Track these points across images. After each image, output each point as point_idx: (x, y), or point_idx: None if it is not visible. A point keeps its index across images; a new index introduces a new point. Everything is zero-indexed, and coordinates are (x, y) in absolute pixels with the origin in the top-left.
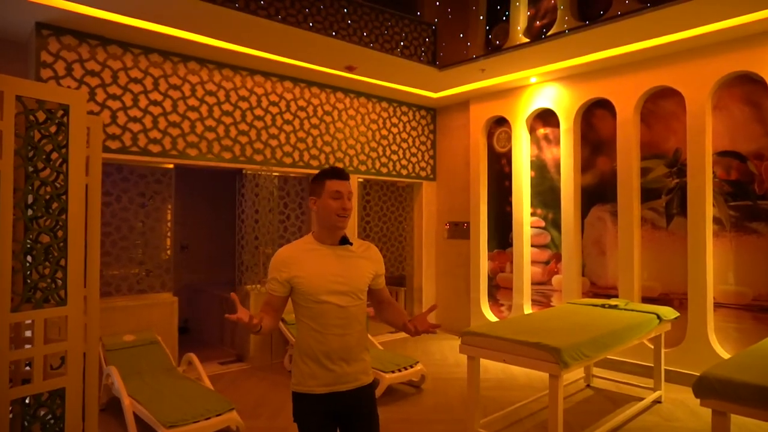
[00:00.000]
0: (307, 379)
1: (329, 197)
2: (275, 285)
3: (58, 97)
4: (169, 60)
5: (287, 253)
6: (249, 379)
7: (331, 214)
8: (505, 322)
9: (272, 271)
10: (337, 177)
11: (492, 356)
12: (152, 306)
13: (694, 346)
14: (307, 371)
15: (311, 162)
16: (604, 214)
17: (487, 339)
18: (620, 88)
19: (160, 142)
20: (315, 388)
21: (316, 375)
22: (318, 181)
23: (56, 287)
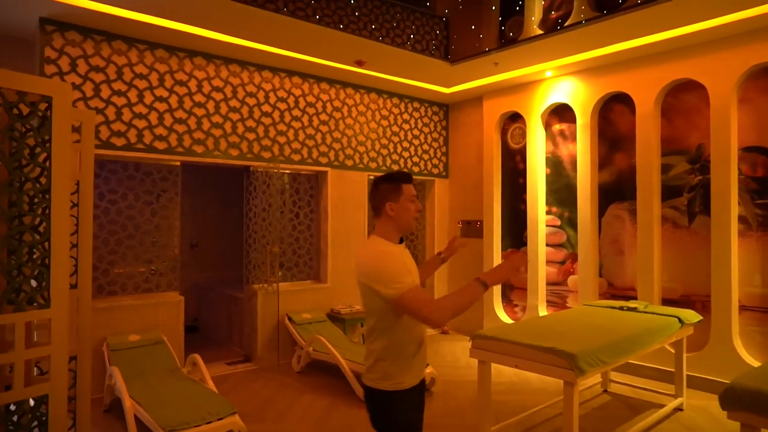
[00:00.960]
0: (405, 376)
1: (408, 201)
2: (411, 279)
3: (39, 89)
4: (174, 55)
5: (396, 254)
6: (256, 381)
7: (410, 218)
8: (518, 324)
9: (401, 273)
10: (409, 181)
11: (504, 361)
12: (158, 305)
13: (718, 351)
14: (405, 367)
15: (320, 159)
16: (622, 213)
17: (498, 343)
18: (639, 82)
19: (166, 138)
20: (412, 380)
21: (412, 368)
22: (394, 186)
23: (41, 288)
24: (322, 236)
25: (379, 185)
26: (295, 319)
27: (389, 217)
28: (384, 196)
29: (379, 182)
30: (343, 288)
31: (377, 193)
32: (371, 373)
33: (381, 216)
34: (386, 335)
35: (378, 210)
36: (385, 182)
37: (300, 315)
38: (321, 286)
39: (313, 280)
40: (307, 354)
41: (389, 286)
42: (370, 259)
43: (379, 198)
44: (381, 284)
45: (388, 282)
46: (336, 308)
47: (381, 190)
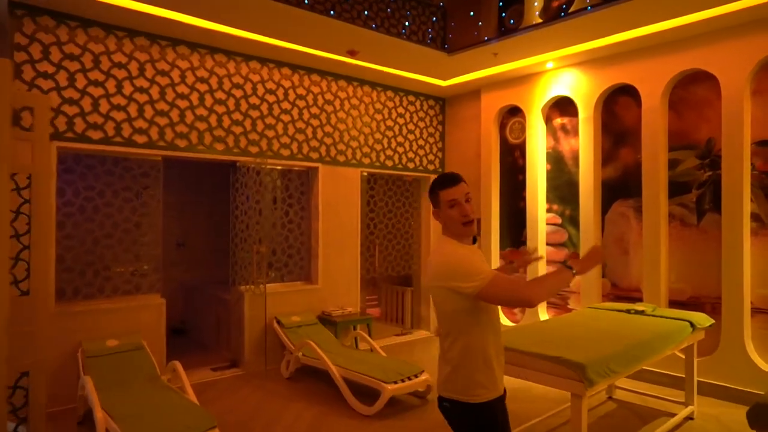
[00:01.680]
0: (490, 383)
1: (447, 207)
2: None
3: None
4: (156, 44)
5: (467, 252)
6: (242, 388)
7: (457, 223)
8: (521, 329)
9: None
10: (447, 185)
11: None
12: (139, 308)
13: (730, 356)
14: (489, 374)
15: (311, 154)
16: (627, 210)
17: None
18: (646, 73)
19: (147, 132)
20: (498, 388)
21: (495, 374)
22: (433, 193)
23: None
24: (314, 235)
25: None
26: (284, 322)
27: (443, 224)
28: (432, 202)
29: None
30: (335, 289)
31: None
32: (451, 383)
33: (439, 218)
34: (462, 339)
35: (436, 213)
36: (430, 188)
37: (289, 318)
38: (312, 288)
39: (303, 281)
40: (297, 359)
41: (470, 279)
42: (441, 257)
43: (432, 198)
44: (459, 280)
45: (467, 276)
46: (327, 311)
47: (429, 196)
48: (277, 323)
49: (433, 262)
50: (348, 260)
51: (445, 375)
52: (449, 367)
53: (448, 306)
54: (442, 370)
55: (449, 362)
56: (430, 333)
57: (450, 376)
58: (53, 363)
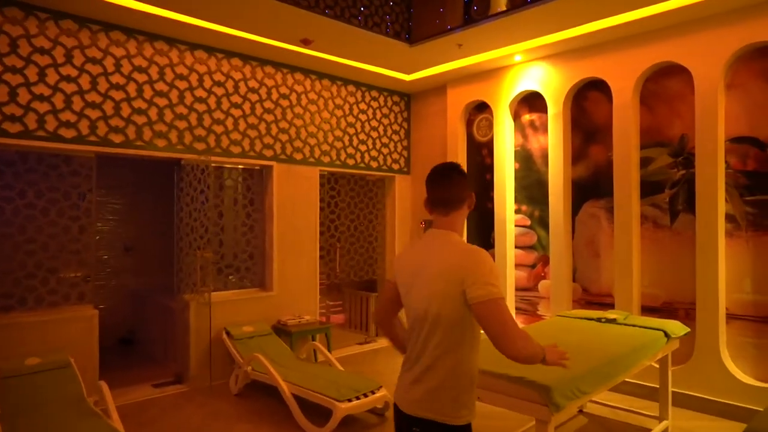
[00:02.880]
0: (473, 405)
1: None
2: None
3: None
4: (86, 28)
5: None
6: (185, 406)
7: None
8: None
9: (497, 275)
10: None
11: None
12: (67, 321)
13: (704, 365)
14: (474, 396)
15: (264, 152)
16: (598, 211)
17: None
18: (617, 66)
19: (75, 125)
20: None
21: (474, 397)
22: (467, 191)
23: None
24: (268, 238)
25: (456, 174)
26: (234, 333)
27: (464, 213)
28: (465, 186)
29: (454, 171)
30: (292, 297)
31: (456, 183)
32: (430, 402)
33: (457, 210)
34: (453, 353)
35: (455, 204)
36: (461, 172)
37: (240, 328)
38: (266, 295)
39: (258, 288)
40: (246, 374)
41: (482, 284)
42: (475, 252)
43: (460, 189)
44: (471, 281)
45: (481, 279)
46: (283, 320)
47: (460, 180)
48: (226, 334)
49: (469, 252)
50: (306, 265)
51: (422, 393)
52: (431, 384)
53: (445, 309)
54: (415, 387)
55: (432, 379)
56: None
57: (431, 395)
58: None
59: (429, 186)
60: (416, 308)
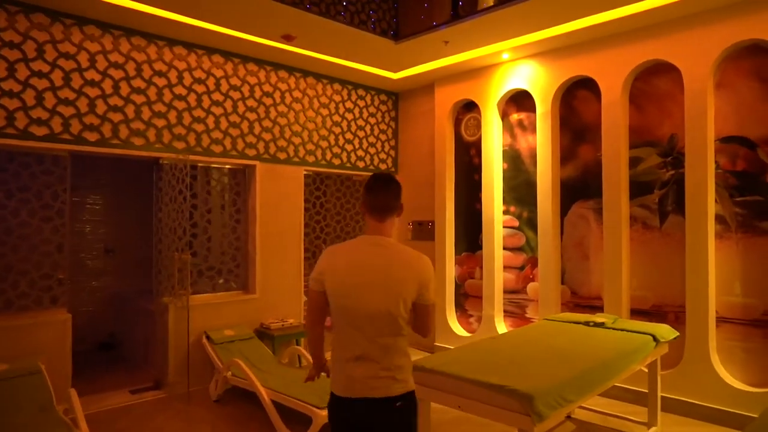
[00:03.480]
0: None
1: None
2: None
3: None
4: (59, 22)
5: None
6: (162, 413)
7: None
8: (466, 350)
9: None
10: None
11: (445, 400)
12: (37, 326)
13: (694, 369)
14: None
15: (247, 151)
16: (586, 212)
17: (438, 377)
18: (606, 64)
19: (47, 123)
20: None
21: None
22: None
23: None
24: (251, 240)
25: (394, 185)
26: (214, 337)
27: (396, 220)
28: (400, 196)
29: (393, 181)
30: (275, 299)
31: (395, 193)
32: (405, 374)
33: (392, 216)
34: (402, 338)
35: (392, 211)
36: (398, 183)
37: (221, 332)
38: (249, 298)
39: (241, 291)
40: (225, 380)
41: (431, 290)
42: (426, 260)
43: (398, 198)
44: (427, 287)
45: (432, 286)
46: (266, 323)
47: (398, 190)
48: (206, 338)
49: (419, 260)
50: (290, 267)
51: (392, 373)
52: (401, 361)
53: (402, 310)
54: (382, 371)
55: (400, 355)
56: None
57: (402, 370)
58: None
59: (371, 193)
60: (366, 308)
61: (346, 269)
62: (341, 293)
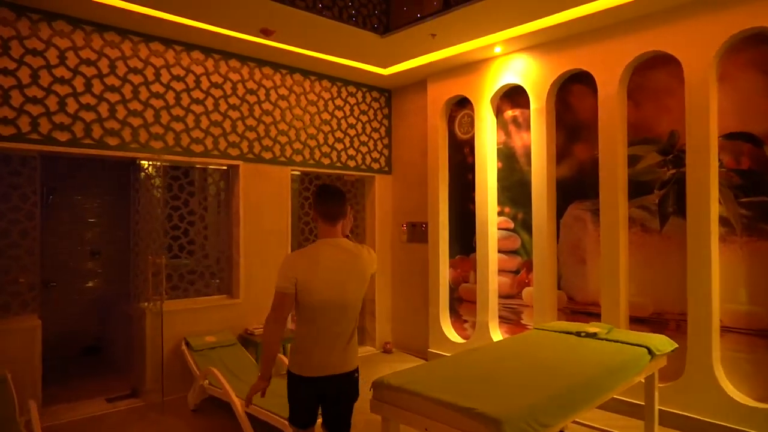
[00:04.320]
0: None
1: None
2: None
3: None
4: (25, 18)
5: None
6: (135, 424)
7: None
8: (440, 364)
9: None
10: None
11: (412, 421)
12: (5, 333)
13: (696, 381)
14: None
15: (229, 151)
16: (583, 213)
17: (403, 396)
18: (602, 57)
19: (14, 122)
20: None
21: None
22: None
23: None
24: (234, 242)
25: (342, 194)
26: (194, 344)
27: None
28: (346, 202)
29: (341, 191)
30: (261, 304)
31: (344, 201)
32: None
33: (342, 221)
34: (356, 323)
35: (342, 216)
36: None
37: (202, 339)
38: (232, 303)
39: (225, 295)
40: (203, 388)
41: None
42: (373, 252)
43: (347, 205)
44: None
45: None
46: (250, 329)
47: (346, 199)
48: (185, 345)
49: (369, 253)
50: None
51: (353, 353)
52: (354, 340)
53: (362, 297)
54: (348, 352)
55: (353, 344)
56: (375, 349)
57: (356, 348)
58: None
59: (324, 203)
60: (341, 299)
61: (322, 269)
62: (319, 289)
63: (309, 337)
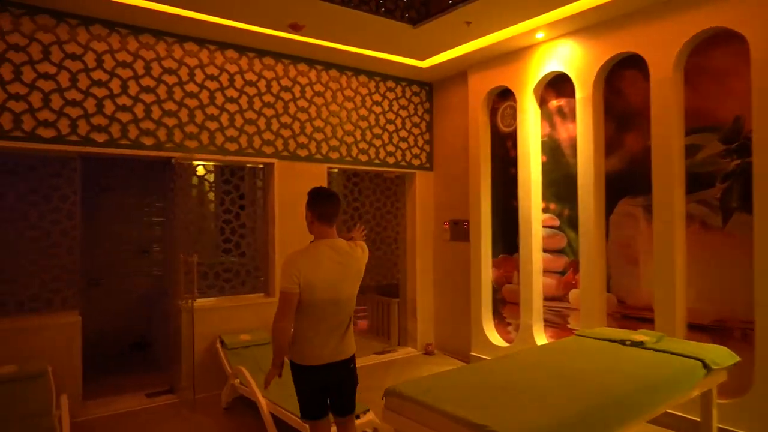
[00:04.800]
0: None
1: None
2: None
3: None
4: (64, 23)
5: None
6: (168, 421)
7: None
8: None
9: None
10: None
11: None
12: (45, 328)
13: (765, 399)
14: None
15: (264, 149)
16: (635, 209)
17: (413, 406)
18: (654, 37)
19: (54, 124)
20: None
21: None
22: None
23: None
24: (270, 241)
25: (337, 197)
26: (229, 342)
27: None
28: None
29: (336, 194)
30: None
31: (339, 204)
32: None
33: (335, 222)
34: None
35: (336, 217)
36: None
37: (236, 337)
38: (269, 301)
39: (263, 294)
40: (234, 387)
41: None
42: (365, 248)
43: (340, 208)
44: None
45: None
46: None
47: (340, 201)
48: (220, 343)
49: (365, 250)
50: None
51: (350, 342)
52: (351, 330)
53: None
54: (345, 341)
55: (350, 333)
56: (417, 351)
57: (352, 336)
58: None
59: (322, 205)
60: (333, 296)
61: (323, 269)
62: (321, 288)
63: (310, 330)
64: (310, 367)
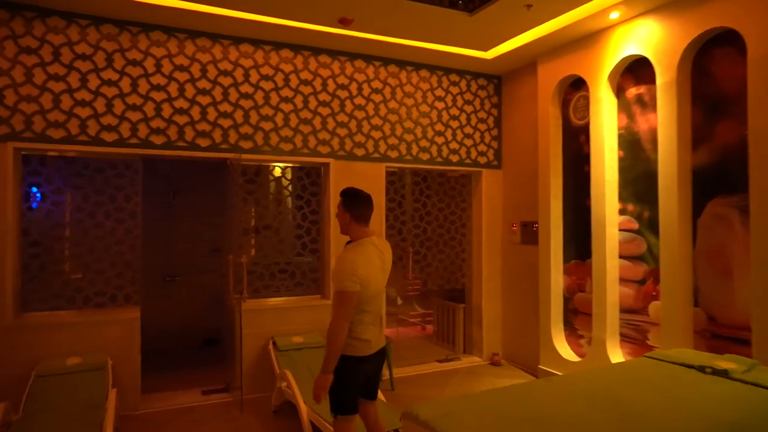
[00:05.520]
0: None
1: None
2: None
3: None
4: (126, 31)
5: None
6: (214, 420)
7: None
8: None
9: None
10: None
11: None
12: (107, 323)
13: None
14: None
15: (319, 149)
16: (728, 211)
17: None
18: (754, 7)
19: (116, 128)
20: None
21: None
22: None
23: None
24: (325, 241)
25: (370, 197)
26: (281, 343)
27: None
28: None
29: (370, 196)
30: None
31: (372, 203)
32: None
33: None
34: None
35: (370, 217)
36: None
37: (289, 339)
38: (324, 303)
39: (319, 296)
40: (281, 390)
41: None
42: (388, 245)
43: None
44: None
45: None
46: None
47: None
48: (272, 344)
49: (389, 246)
50: None
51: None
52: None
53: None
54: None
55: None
56: (482, 360)
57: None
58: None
59: (359, 206)
60: (378, 289)
61: (373, 266)
62: (374, 282)
63: (367, 322)
64: (363, 358)
